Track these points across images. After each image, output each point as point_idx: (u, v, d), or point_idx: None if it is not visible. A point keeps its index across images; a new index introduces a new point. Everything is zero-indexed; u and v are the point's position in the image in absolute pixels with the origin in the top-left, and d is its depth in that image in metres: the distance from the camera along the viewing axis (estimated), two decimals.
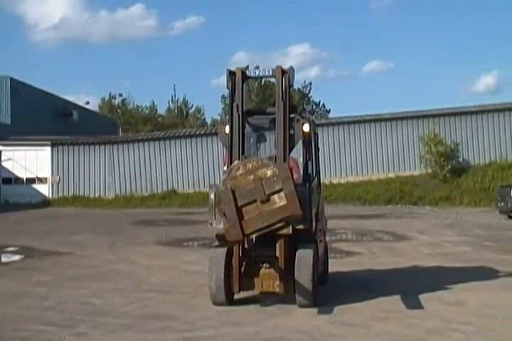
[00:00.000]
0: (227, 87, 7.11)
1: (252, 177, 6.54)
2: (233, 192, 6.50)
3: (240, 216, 6.46)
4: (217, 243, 6.44)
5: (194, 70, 78.92)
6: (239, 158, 6.92)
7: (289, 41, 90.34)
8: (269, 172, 6.53)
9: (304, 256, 6.69)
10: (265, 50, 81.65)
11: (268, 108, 7.88)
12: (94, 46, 79.75)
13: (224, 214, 6.53)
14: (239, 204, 6.49)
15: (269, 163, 6.56)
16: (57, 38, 78.81)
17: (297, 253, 6.73)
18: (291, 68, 7.05)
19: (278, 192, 6.46)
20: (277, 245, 6.67)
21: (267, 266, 6.82)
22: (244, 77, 7.10)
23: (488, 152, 26.81)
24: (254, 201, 6.52)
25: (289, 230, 6.53)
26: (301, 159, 7.51)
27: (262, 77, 7.27)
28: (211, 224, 6.84)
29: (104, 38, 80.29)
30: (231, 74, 7.06)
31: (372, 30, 77.59)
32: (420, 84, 77.90)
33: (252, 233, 6.58)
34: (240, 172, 6.62)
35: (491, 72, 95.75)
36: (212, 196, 6.85)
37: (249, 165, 6.62)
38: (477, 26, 76.26)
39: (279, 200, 6.47)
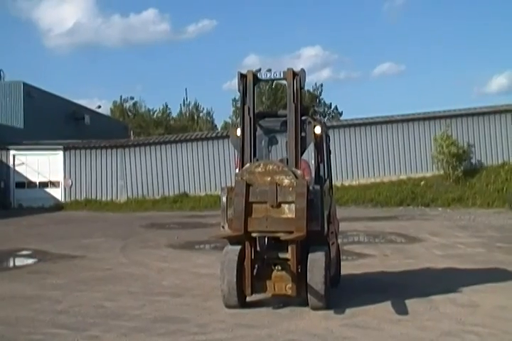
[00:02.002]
0: (239, 90, 7.12)
1: (269, 179, 6.55)
2: (248, 186, 6.50)
3: (248, 212, 6.47)
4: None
5: (206, 74, 79.27)
6: (250, 161, 6.93)
7: (301, 44, 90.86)
8: (286, 181, 6.53)
9: (317, 259, 6.67)
10: (277, 53, 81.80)
11: (279, 110, 7.90)
12: (107, 51, 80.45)
13: (232, 204, 6.54)
14: (249, 200, 6.50)
15: (289, 172, 6.54)
16: (71, 42, 79.47)
17: (309, 255, 6.71)
18: (303, 70, 7.05)
19: (289, 203, 6.46)
20: (289, 247, 6.65)
21: (279, 268, 6.80)
22: (256, 79, 7.10)
23: (501, 153, 26.59)
24: (265, 203, 6.52)
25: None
26: (313, 161, 7.50)
27: (273, 80, 7.29)
28: (223, 227, 6.84)
29: (117, 42, 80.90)
30: (242, 77, 7.07)
31: (384, 32, 77.56)
32: (432, 85, 77.59)
33: (254, 232, 6.60)
34: (259, 169, 6.62)
35: (503, 72, 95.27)
36: (224, 199, 6.84)
37: (270, 167, 6.63)
38: (489, 27, 75.88)
39: (288, 211, 6.49)
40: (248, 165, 6.75)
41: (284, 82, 7.37)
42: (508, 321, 6.33)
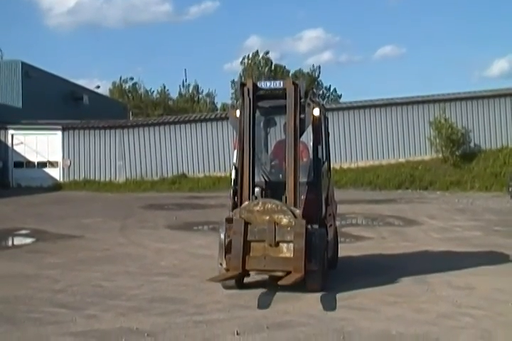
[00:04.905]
0: (238, 98, 7.12)
1: (267, 217, 6.56)
2: (246, 224, 6.51)
3: (246, 250, 6.50)
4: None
5: (207, 55, 78.76)
6: (249, 142, 6.90)
7: (303, 26, 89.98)
8: (284, 220, 6.53)
9: (314, 241, 6.69)
10: (278, 35, 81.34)
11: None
12: (108, 31, 79.70)
13: (230, 241, 6.54)
14: (248, 239, 6.51)
15: (288, 211, 6.54)
16: (72, 22, 78.80)
17: (307, 237, 6.72)
18: (302, 80, 7.04)
19: (288, 242, 6.47)
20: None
21: None
22: (256, 88, 7.06)
23: (500, 137, 26.58)
24: (263, 241, 6.52)
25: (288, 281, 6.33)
26: (311, 143, 7.48)
27: (273, 90, 7.17)
28: (221, 264, 6.82)
29: (118, 22, 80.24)
30: (242, 85, 7.06)
31: (387, 15, 77.00)
32: (433, 68, 77.32)
33: (252, 270, 6.66)
34: (257, 208, 6.62)
35: (505, 56, 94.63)
36: (222, 236, 6.81)
37: (269, 206, 6.61)
38: (490, 10, 75.31)
39: (286, 250, 6.50)
40: (247, 203, 6.73)
41: (284, 65, 7.33)
42: (503, 303, 6.37)
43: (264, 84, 7.19)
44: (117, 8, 79.99)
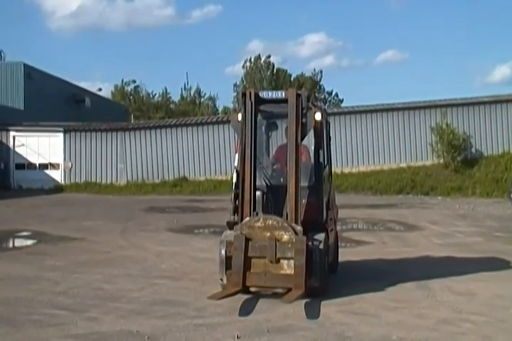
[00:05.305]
0: (241, 108, 7.13)
1: (268, 234, 6.56)
2: (247, 240, 6.52)
3: (247, 266, 6.51)
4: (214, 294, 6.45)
5: (209, 58, 78.92)
6: (251, 146, 6.91)
7: (305, 30, 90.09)
8: (285, 237, 6.54)
9: (315, 257, 6.68)
10: (281, 39, 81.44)
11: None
12: (110, 34, 79.89)
13: (231, 257, 6.55)
14: (248, 255, 6.52)
15: (288, 228, 6.55)
16: (74, 25, 79.03)
17: (308, 242, 6.72)
18: (304, 91, 7.04)
19: (288, 259, 6.48)
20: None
21: None
22: (257, 98, 7.06)
23: (502, 142, 26.56)
24: (264, 258, 6.54)
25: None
26: (313, 148, 7.49)
27: (275, 100, 7.13)
28: (221, 279, 6.81)
29: (120, 25, 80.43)
30: (244, 95, 7.07)
31: (389, 20, 77.17)
32: (435, 74, 77.39)
33: (252, 287, 6.67)
34: (258, 224, 6.62)
35: (507, 62, 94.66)
36: (223, 252, 6.79)
37: (270, 222, 6.62)
38: (493, 16, 75.40)
39: (287, 267, 6.51)
40: (248, 219, 6.73)
41: (286, 69, 7.34)
42: (504, 309, 6.37)
43: (266, 94, 7.20)
44: (120, 12, 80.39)
